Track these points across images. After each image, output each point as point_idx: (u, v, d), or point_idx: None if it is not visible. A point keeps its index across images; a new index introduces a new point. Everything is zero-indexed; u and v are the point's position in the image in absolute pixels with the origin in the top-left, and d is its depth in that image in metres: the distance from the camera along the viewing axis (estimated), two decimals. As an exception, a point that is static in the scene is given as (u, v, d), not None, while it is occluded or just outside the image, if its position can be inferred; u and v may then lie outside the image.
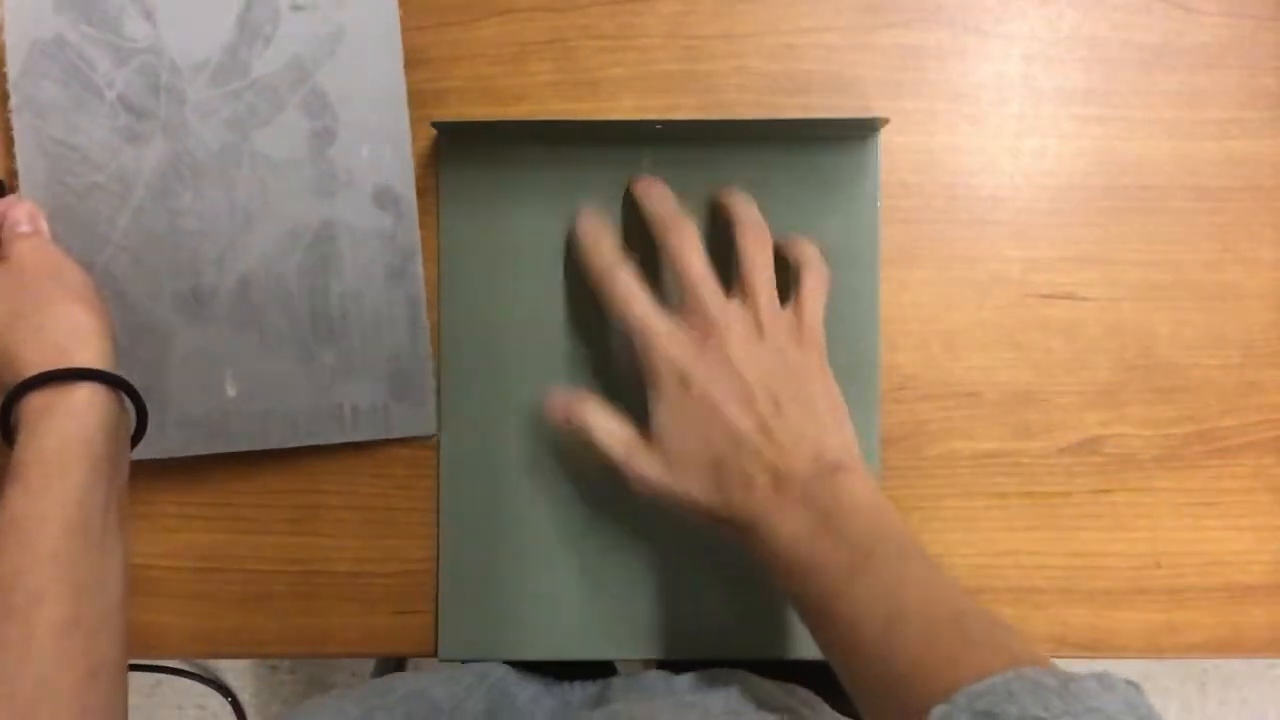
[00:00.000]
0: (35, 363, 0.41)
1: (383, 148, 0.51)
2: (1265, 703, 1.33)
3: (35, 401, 0.40)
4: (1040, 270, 0.55)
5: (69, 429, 0.40)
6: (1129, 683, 0.33)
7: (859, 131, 0.53)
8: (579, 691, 0.53)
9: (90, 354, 0.42)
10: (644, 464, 0.46)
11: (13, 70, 0.48)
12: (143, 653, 0.55)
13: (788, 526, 0.43)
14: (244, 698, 1.29)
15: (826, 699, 0.51)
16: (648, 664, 0.55)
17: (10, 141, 0.49)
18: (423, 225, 0.54)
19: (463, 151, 0.53)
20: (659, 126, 0.52)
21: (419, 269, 0.52)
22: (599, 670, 0.55)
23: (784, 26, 0.54)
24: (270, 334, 0.50)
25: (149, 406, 0.46)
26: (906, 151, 0.54)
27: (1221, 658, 0.55)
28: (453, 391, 0.53)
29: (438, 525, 0.54)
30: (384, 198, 0.51)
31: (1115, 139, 0.55)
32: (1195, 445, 0.55)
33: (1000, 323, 0.55)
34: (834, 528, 0.42)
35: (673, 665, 0.54)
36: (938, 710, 0.33)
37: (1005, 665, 0.34)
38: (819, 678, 0.51)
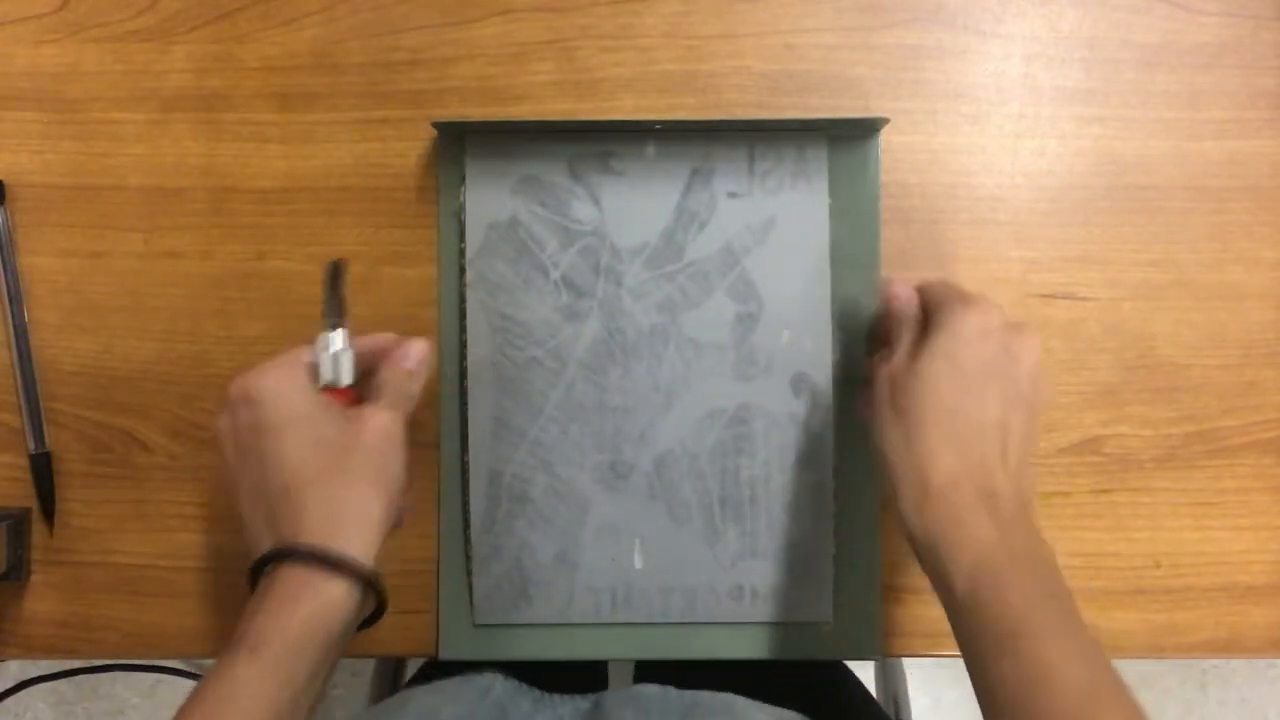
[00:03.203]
0: (314, 528, 0.42)
1: (803, 335, 0.53)
2: (1265, 703, 1.32)
3: (297, 573, 0.41)
4: (1040, 270, 0.55)
5: (316, 618, 0.41)
6: None
7: (859, 131, 0.53)
8: (569, 706, 0.53)
9: (362, 545, 0.42)
10: (899, 370, 0.45)
11: (470, 249, 0.53)
12: (143, 653, 0.55)
13: (987, 534, 0.41)
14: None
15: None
16: (637, 678, 0.55)
17: (463, 314, 0.53)
18: (423, 225, 0.54)
19: (463, 151, 0.53)
20: (659, 126, 0.52)
21: (830, 457, 0.53)
22: (588, 684, 0.54)
23: (784, 26, 0.54)
24: (680, 511, 0.53)
25: (561, 571, 0.52)
26: (906, 151, 0.54)
27: (1221, 658, 0.55)
28: (453, 393, 0.53)
29: (438, 525, 0.54)
30: (800, 384, 0.53)
31: (1115, 139, 0.55)
32: (1195, 445, 0.55)
33: (1000, 323, 0.54)
34: (1029, 567, 0.41)
35: (659, 672, 0.54)
36: None
37: None
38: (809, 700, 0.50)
